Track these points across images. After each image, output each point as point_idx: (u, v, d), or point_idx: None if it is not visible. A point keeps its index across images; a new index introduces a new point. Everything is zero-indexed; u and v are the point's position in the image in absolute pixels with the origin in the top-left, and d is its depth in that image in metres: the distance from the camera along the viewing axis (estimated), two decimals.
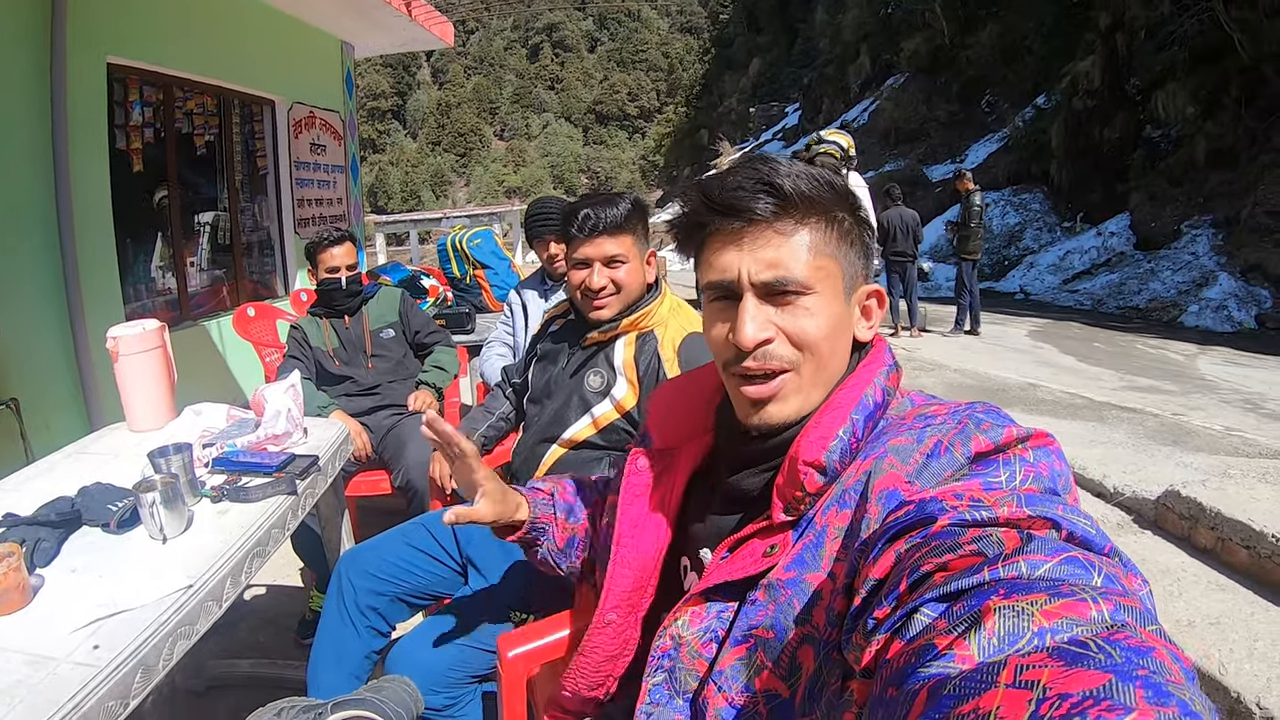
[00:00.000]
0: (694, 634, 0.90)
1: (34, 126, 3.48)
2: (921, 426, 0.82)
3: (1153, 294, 11.55)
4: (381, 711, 1.32)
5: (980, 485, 0.68)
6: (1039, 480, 0.71)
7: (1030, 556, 0.53)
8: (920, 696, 0.47)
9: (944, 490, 0.67)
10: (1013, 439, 0.75)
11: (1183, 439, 3.97)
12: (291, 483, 1.73)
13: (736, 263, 0.87)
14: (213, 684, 2.42)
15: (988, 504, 0.62)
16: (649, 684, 0.94)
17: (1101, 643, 0.44)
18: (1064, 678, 0.42)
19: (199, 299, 5.16)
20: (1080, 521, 0.59)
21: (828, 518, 0.82)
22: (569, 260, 1.92)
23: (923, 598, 0.55)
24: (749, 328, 0.86)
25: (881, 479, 0.78)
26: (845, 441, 0.84)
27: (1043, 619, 0.47)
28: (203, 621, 1.30)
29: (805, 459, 0.84)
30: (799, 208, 0.86)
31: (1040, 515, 0.60)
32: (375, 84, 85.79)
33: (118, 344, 2.05)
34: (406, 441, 2.90)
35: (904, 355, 7.49)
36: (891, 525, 0.66)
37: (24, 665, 1.08)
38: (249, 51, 5.34)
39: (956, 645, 0.48)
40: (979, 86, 20.35)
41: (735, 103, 45.91)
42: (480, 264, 5.52)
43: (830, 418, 0.86)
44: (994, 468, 0.73)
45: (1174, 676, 0.42)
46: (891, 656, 0.55)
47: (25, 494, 1.67)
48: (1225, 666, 2.11)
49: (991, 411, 0.80)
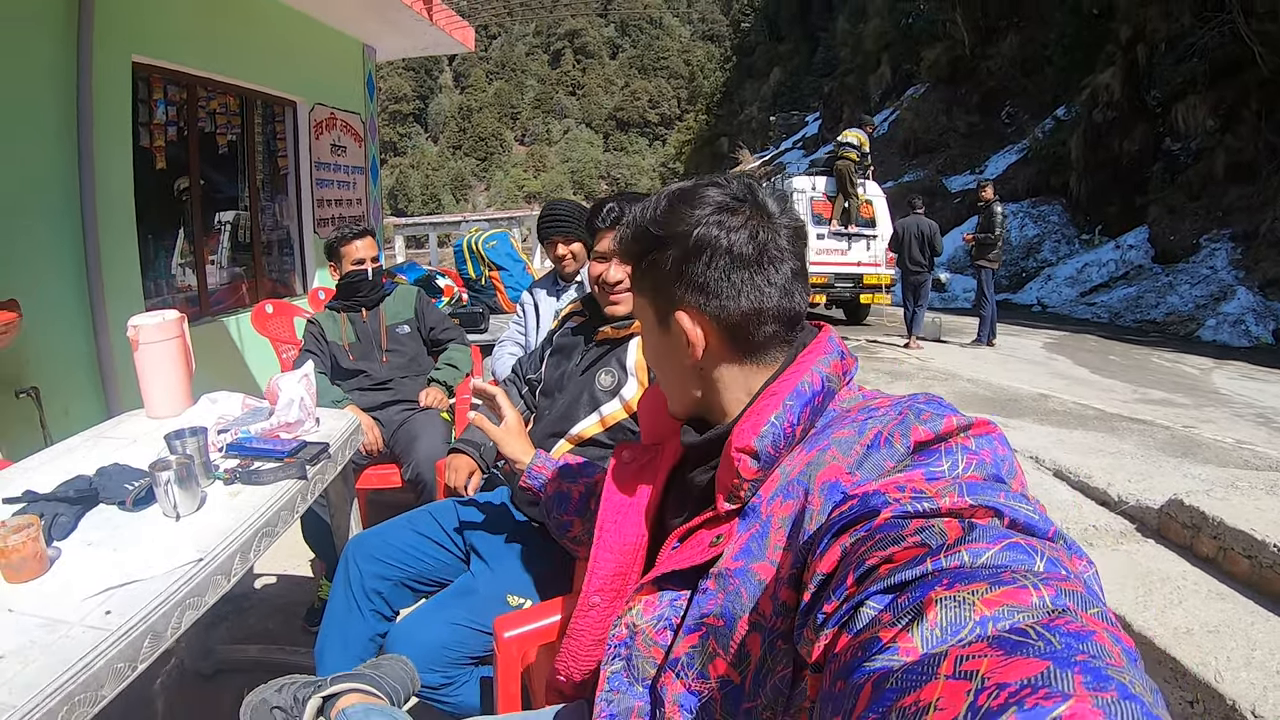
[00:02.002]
0: (648, 622, 0.93)
1: (60, 121, 3.55)
2: (864, 419, 0.83)
3: (1170, 308, 11.48)
4: (379, 686, 1.36)
5: (923, 475, 0.70)
6: (982, 467, 0.72)
7: (972, 545, 0.54)
8: (865, 690, 0.48)
9: (887, 482, 0.68)
10: (953, 428, 0.76)
11: (1192, 451, 3.96)
12: (302, 468, 1.78)
13: None
14: (221, 668, 2.48)
15: (930, 495, 0.63)
16: (607, 671, 0.97)
17: (1041, 629, 0.45)
18: (1002, 666, 0.42)
19: (219, 295, 5.23)
20: (1022, 508, 0.61)
21: (772, 508, 0.84)
22: (592, 253, 1.97)
23: (868, 590, 0.56)
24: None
25: (823, 471, 0.80)
26: (779, 428, 0.86)
27: (984, 608, 0.47)
28: (211, 594, 1.35)
29: (738, 445, 0.87)
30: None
31: (982, 504, 0.61)
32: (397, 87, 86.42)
33: (138, 332, 2.10)
34: (417, 436, 2.94)
35: (917, 365, 7.49)
36: (836, 520, 0.67)
37: (38, 628, 1.13)
38: (271, 53, 5.42)
39: (900, 638, 0.49)
40: (999, 97, 20.29)
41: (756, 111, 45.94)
42: (495, 265, 5.60)
43: (764, 405, 0.89)
44: (936, 457, 0.74)
45: (1114, 660, 0.43)
46: (839, 650, 0.56)
47: (45, 473, 1.73)
48: (1221, 674, 2.11)
49: (933, 402, 0.81)
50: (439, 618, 1.73)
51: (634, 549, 1.10)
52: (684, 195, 0.94)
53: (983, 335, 8.92)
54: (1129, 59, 13.98)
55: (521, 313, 3.33)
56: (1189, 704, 2.12)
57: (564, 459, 1.55)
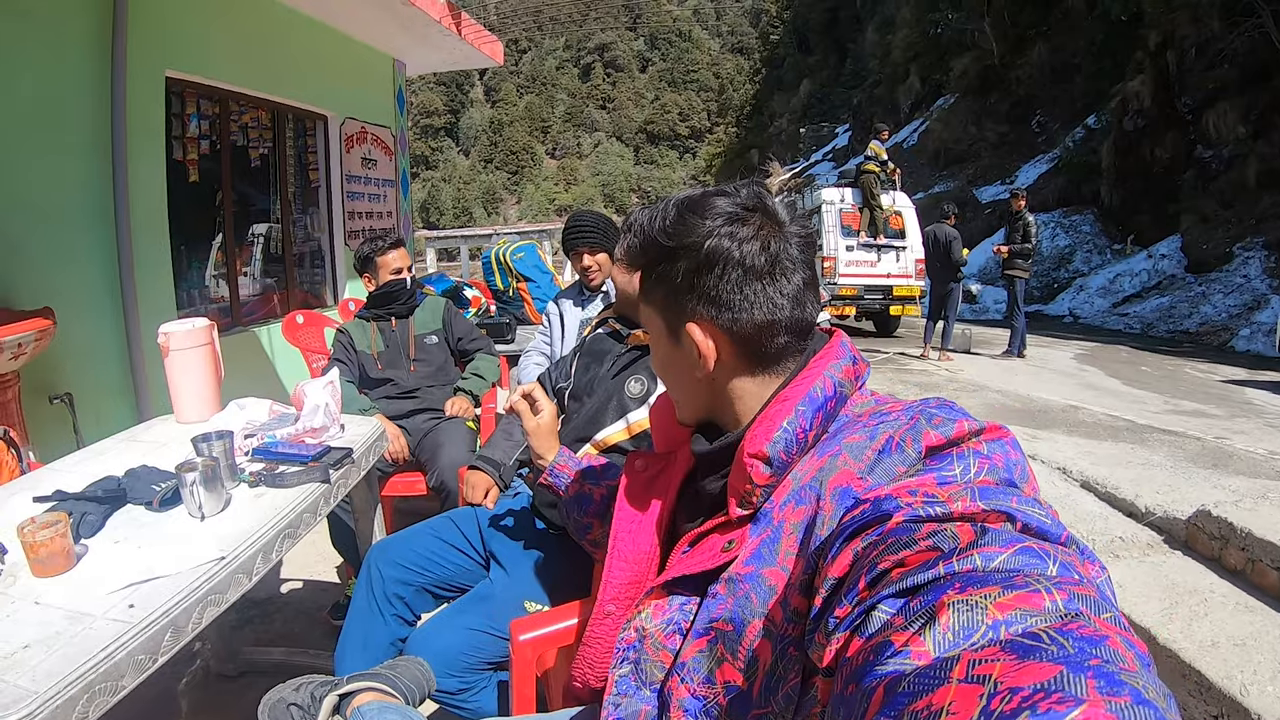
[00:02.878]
0: (657, 626, 0.93)
1: (95, 133, 3.65)
2: (875, 424, 0.83)
3: (1204, 318, 11.30)
4: (394, 685, 1.38)
5: (934, 480, 0.69)
6: (994, 471, 0.71)
7: (985, 549, 0.54)
8: (877, 694, 0.48)
9: (898, 487, 0.68)
10: (965, 433, 0.76)
11: (1223, 462, 3.90)
12: (325, 471, 1.81)
13: None
14: (246, 670, 2.52)
15: (942, 499, 0.63)
16: (615, 675, 0.97)
17: (1054, 634, 0.44)
18: (1015, 671, 0.42)
19: (250, 306, 5.32)
20: (1035, 512, 0.60)
21: (784, 514, 0.83)
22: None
23: (880, 594, 0.56)
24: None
25: (835, 476, 0.79)
26: (791, 433, 0.86)
27: (996, 612, 0.47)
28: (233, 591, 1.38)
29: (750, 451, 0.86)
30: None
31: (995, 508, 0.60)
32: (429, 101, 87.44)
33: (168, 339, 2.16)
34: (442, 444, 2.98)
35: (947, 377, 7.43)
36: (848, 524, 0.67)
37: (63, 619, 1.17)
38: (302, 67, 5.51)
39: (912, 641, 0.49)
40: (1029, 107, 20.13)
41: (785, 123, 45.93)
42: (523, 277, 5.64)
43: (776, 410, 0.89)
44: (948, 462, 0.73)
45: (1127, 664, 0.43)
46: (851, 654, 0.56)
47: (76, 474, 1.78)
48: (1248, 688, 2.07)
49: (944, 406, 0.81)
50: (457, 623, 1.75)
51: (648, 557, 1.10)
52: (693, 205, 0.93)
53: (1014, 347, 8.82)
54: (1158, 65, 13.83)
55: (547, 323, 3.36)
56: (1214, 718, 2.09)
57: (587, 460, 1.56)
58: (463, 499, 2.09)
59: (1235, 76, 12.37)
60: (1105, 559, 2.88)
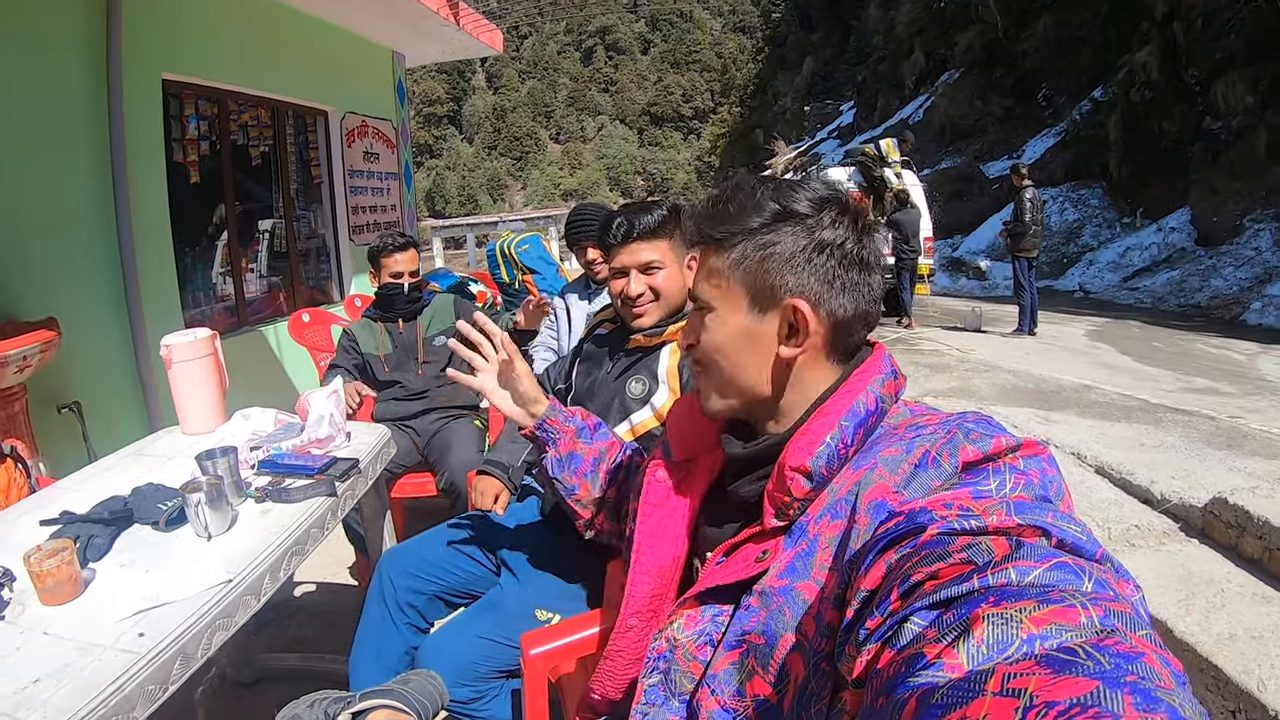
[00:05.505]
0: (689, 637, 0.92)
1: (93, 141, 3.64)
2: (911, 437, 0.82)
3: (1214, 291, 11.21)
4: (407, 702, 1.37)
5: (970, 494, 0.69)
6: (1029, 488, 0.71)
7: (1020, 563, 0.53)
8: (909, 705, 0.48)
9: (933, 500, 0.67)
10: (1002, 448, 0.75)
11: (1238, 443, 3.86)
12: (331, 485, 1.80)
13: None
14: (261, 676, 2.52)
15: (977, 512, 0.62)
16: (645, 684, 0.97)
17: (1090, 649, 0.44)
18: (1051, 685, 0.42)
19: (256, 305, 5.32)
20: (1070, 528, 0.60)
21: (820, 527, 0.83)
22: (610, 269, 1.95)
23: (913, 606, 0.56)
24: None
25: (870, 490, 0.79)
26: (833, 448, 0.85)
27: (1031, 626, 0.47)
28: (241, 614, 1.37)
29: (792, 465, 0.85)
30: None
31: (1030, 523, 0.60)
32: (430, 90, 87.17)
33: (171, 352, 2.15)
34: (450, 445, 2.97)
35: (959, 356, 7.38)
36: (882, 536, 0.66)
37: (73, 651, 1.16)
38: (301, 64, 5.50)
39: (945, 654, 0.49)
40: (1035, 80, 19.90)
41: (790, 102, 45.62)
42: (528, 269, 5.60)
43: (819, 424, 0.88)
44: (984, 476, 0.73)
45: (1164, 682, 0.42)
46: (882, 666, 0.55)
47: (83, 493, 1.78)
48: (1265, 683, 2.03)
49: (982, 421, 0.80)
50: (468, 631, 1.73)
51: (671, 569, 1.08)
52: (794, 185, 0.94)
53: (1024, 325, 8.78)
54: (1165, 36, 13.63)
55: (554, 316, 3.34)
56: (1231, 713, 2.07)
57: (577, 414, 1.47)
58: (472, 504, 2.08)
59: (1243, 47, 12.20)
60: (1121, 548, 2.86)
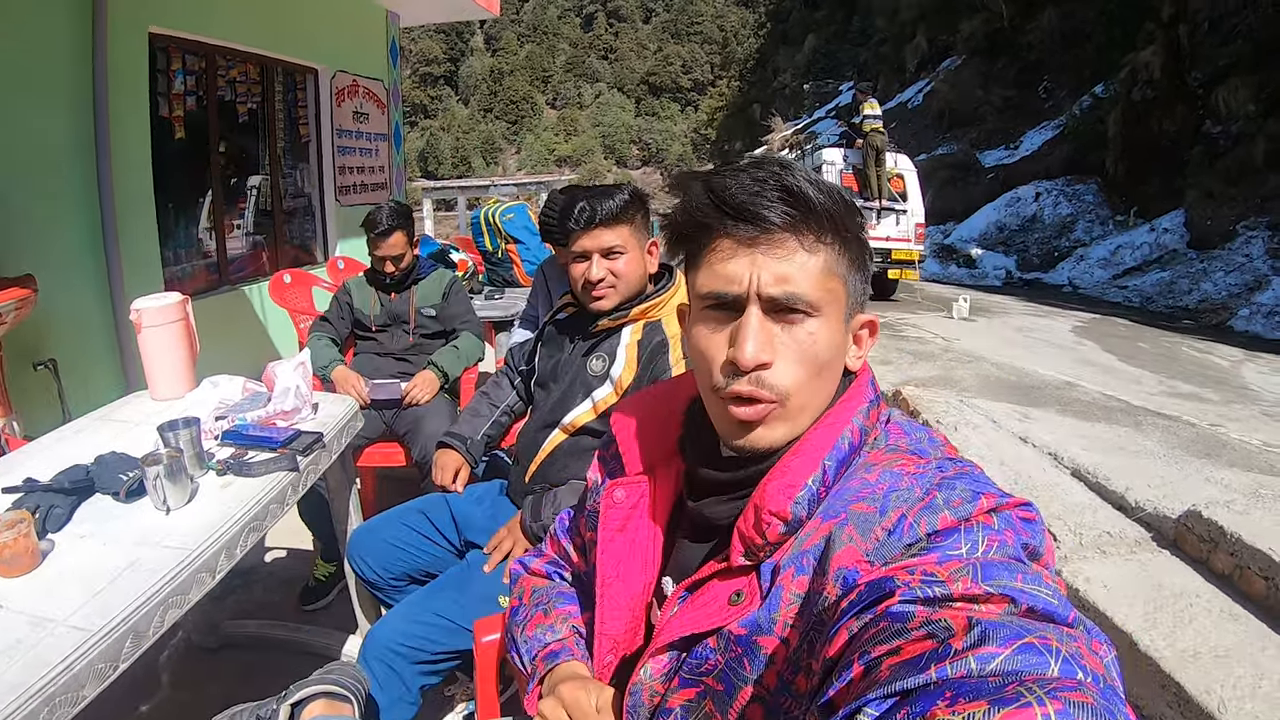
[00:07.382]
0: (654, 680, 0.87)
1: (77, 94, 3.57)
2: (886, 490, 0.76)
3: (1203, 294, 11.23)
4: (339, 685, 1.35)
5: (936, 559, 0.66)
6: (1003, 548, 0.67)
7: (980, 650, 0.52)
8: None
9: (896, 567, 0.66)
10: (981, 510, 0.71)
11: (1216, 452, 3.87)
12: (293, 459, 1.79)
13: (747, 272, 0.80)
14: (225, 642, 2.52)
15: (941, 577, 0.60)
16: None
17: None
18: None
19: (239, 264, 5.26)
20: (1041, 592, 0.58)
21: (784, 579, 0.77)
22: (570, 254, 1.91)
23: (869, 697, 0.54)
24: (750, 346, 0.80)
25: (840, 553, 0.73)
26: (814, 491, 0.80)
27: None
28: (195, 591, 1.36)
29: (772, 509, 0.80)
30: (820, 222, 0.81)
31: (997, 591, 0.58)
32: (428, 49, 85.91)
33: (141, 316, 2.12)
34: (423, 416, 2.95)
35: (943, 346, 7.38)
36: (847, 609, 0.65)
37: (26, 625, 1.15)
38: (291, 20, 5.40)
39: None
40: (1036, 72, 19.79)
41: (789, 78, 45.17)
42: (512, 238, 5.56)
43: (800, 463, 0.82)
44: (954, 538, 0.68)
45: None
46: None
47: (51, 456, 1.77)
48: (1225, 704, 2.02)
49: (965, 476, 0.75)
50: (424, 607, 1.71)
51: (642, 595, 0.98)
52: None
53: None
54: (1170, 37, 13.54)
55: (535, 290, 3.32)
56: None
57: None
58: (435, 479, 2.08)
59: (1248, 53, 12.13)
60: (1092, 556, 2.86)
